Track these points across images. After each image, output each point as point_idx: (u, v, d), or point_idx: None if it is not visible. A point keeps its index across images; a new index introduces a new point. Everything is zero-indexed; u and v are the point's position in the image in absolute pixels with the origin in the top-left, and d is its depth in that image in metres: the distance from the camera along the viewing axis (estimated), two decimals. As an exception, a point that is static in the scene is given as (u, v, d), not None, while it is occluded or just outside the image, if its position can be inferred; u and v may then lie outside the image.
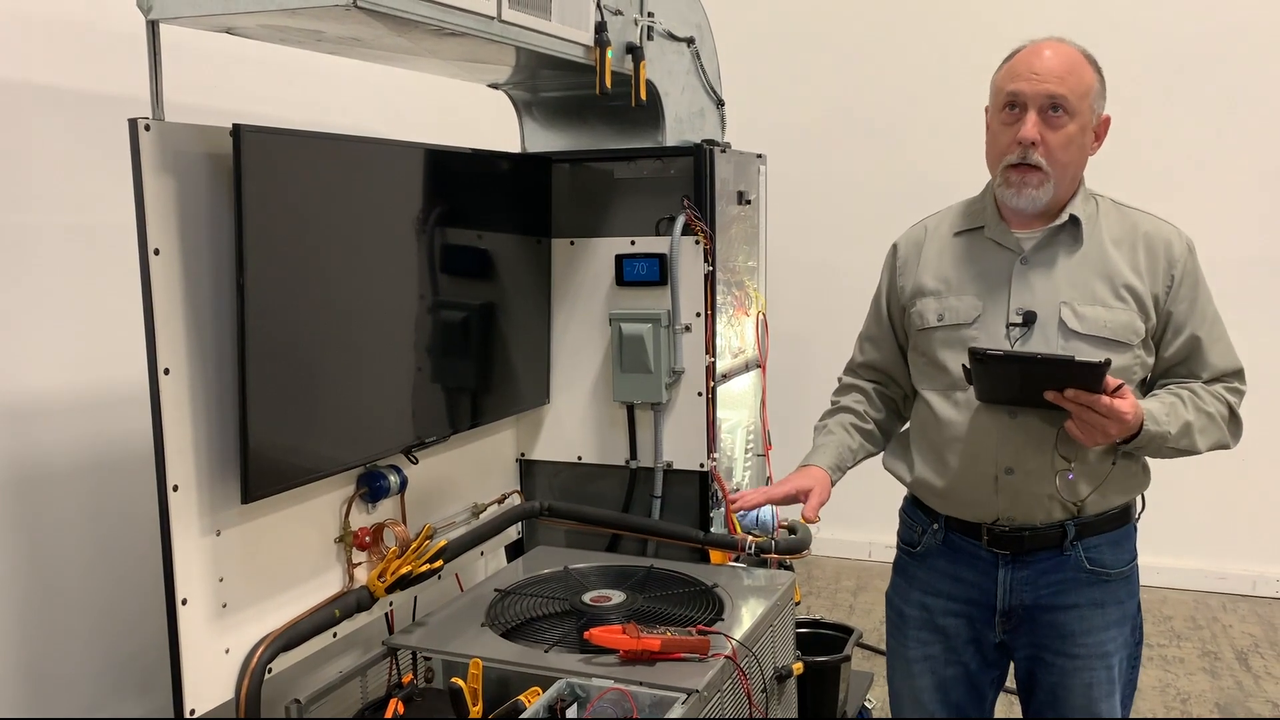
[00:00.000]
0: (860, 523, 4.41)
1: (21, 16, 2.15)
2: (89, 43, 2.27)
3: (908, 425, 2.15)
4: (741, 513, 2.67)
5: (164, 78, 1.77)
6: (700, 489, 2.65)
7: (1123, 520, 1.99)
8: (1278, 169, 4.31)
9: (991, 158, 1.95)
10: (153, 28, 1.76)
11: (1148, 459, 1.98)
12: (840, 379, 2.26)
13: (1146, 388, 1.97)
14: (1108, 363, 1.72)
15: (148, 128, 1.68)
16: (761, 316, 2.94)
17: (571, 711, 1.79)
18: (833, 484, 2.06)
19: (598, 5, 2.28)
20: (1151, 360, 1.94)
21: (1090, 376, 1.72)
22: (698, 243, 2.57)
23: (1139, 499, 2.01)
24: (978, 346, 1.80)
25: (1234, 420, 1.95)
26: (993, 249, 1.96)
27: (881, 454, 2.16)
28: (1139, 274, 1.90)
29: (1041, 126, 1.84)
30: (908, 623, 2.10)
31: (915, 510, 2.11)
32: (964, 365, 1.86)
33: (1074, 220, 1.92)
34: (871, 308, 2.19)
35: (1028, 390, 1.79)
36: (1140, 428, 1.80)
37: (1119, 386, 1.75)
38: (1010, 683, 2.12)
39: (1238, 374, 1.96)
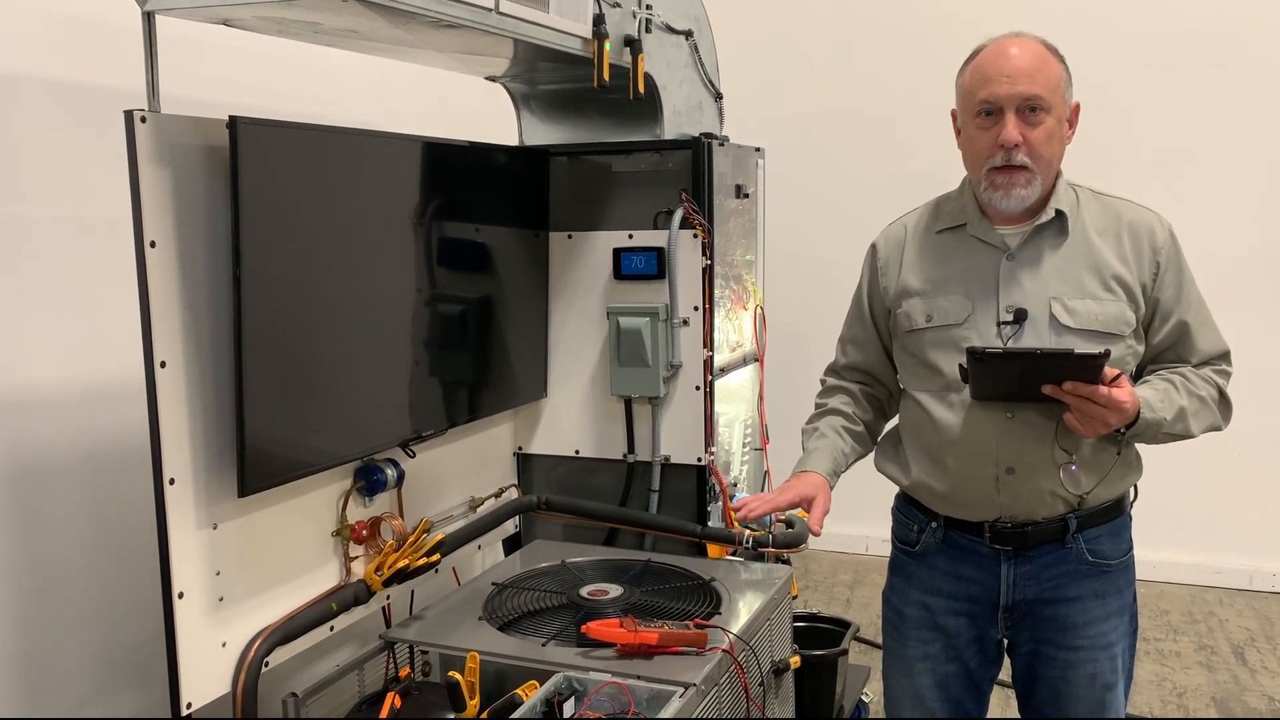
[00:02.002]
0: (857, 517, 4.39)
1: (17, 8, 2.14)
2: (85, 34, 2.26)
3: (895, 424, 2.13)
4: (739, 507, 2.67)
5: (160, 70, 1.76)
6: (698, 483, 2.65)
7: (1118, 510, 1.99)
8: (1271, 164, 4.31)
9: (972, 162, 1.94)
10: (149, 19, 1.75)
11: (1139, 448, 1.98)
12: (824, 380, 2.24)
13: (1136, 374, 1.97)
14: (1107, 353, 1.72)
15: (144, 120, 1.68)
16: (759, 310, 2.94)
17: (569, 705, 1.79)
18: (830, 489, 2.05)
19: (596, -2, 2.28)
20: (1142, 348, 1.94)
21: (1090, 368, 1.72)
22: (696, 236, 2.57)
23: (1132, 488, 2.02)
24: (975, 346, 1.79)
25: (1224, 402, 1.96)
26: (977, 246, 1.95)
27: (874, 456, 2.15)
28: (1125, 263, 1.90)
29: (1021, 126, 1.83)
30: (907, 622, 2.09)
31: (910, 509, 2.10)
32: (960, 365, 1.85)
33: (1059, 214, 1.91)
34: (852, 309, 2.17)
35: (1025, 386, 1.79)
36: (1137, 415, 1.80)
37: (1116, 376, 1.75)
38: (1004, 676, 2.12)
39: (1225, 356, 1.97)
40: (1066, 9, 4.30)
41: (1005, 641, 2.06)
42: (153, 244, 1.70)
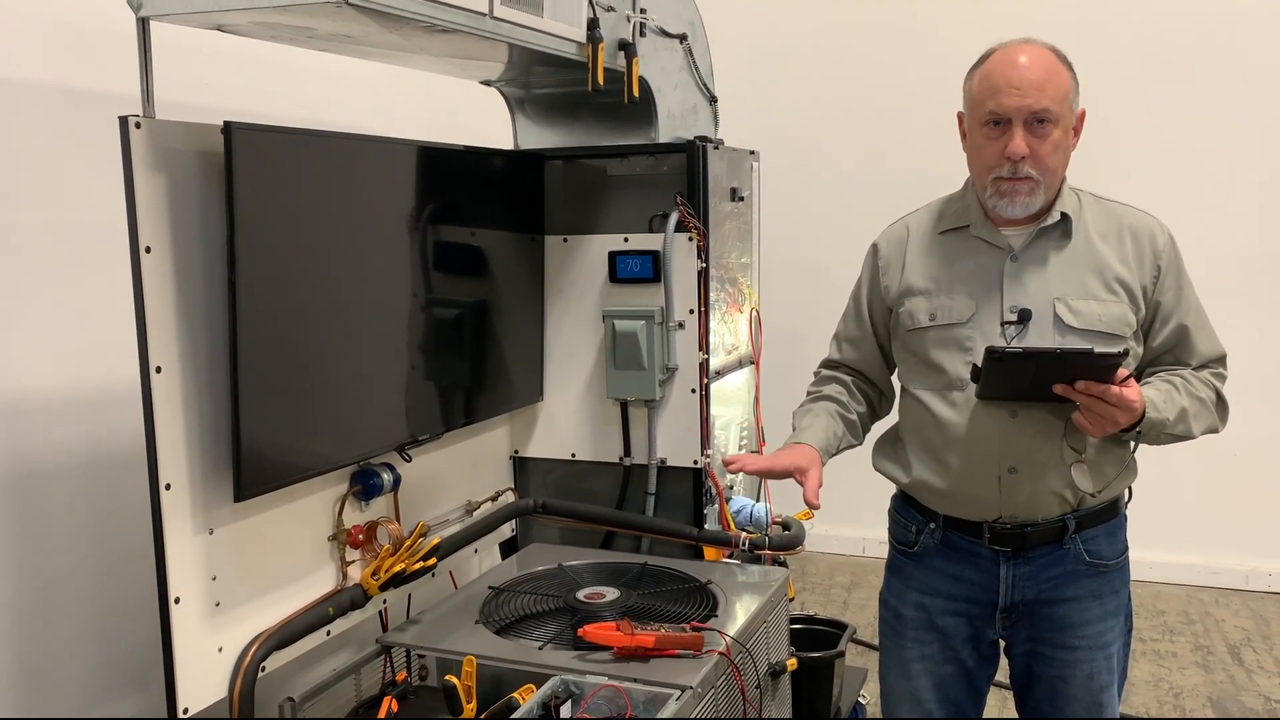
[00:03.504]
0: (854, 519, 4.42)
1: (11, 13, 2.14)
2: (79, 40, 2.26)
3: (894, 425, 2.14)
4: (736, 509, 2.67)
5: (154, 75, 1.76)
6: (694, 486, 2.65)
7: (1114, 511, 2.01)
8: (1274, 166, 4.32)
9: (977, 169, 1.95)
10: (143, 25, 1.75)
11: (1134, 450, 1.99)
12: (817, 372, 2.26)
13: (1136, 377, 1.98)
14: (1126, 353, 1.74)
15: (138, 125, 1.68)
16: (755, 313, 2.94)
17: (565, 709, 1.79)
18: (821, 466, 2.04)
19: (590, 2, 2.28)
20: (1142, 350, 1.96)
21: (1107, 368, 1.73)
22: (691, 239, 2.57)
23: (1127, 489, 2.03)
24: (995, 346, 1.80)
25: (1221, 404, 1.98)
26: (981, 248, 1.97)
27: (871, 455, 2.16)
28: (1127, 265, 1.92)
29: (1028, 137, 1.84)
30: (905, 623, 2.10)
31: (909, 509, 2.10)
32: (974, 364, 1.86)
33: (1063, 217, 1.92)
34: (850, 307, 2.19)
35: (1036, 386, 1.79)
36: (1143, 415, 1.82)
37: (1126, 377, 1.76)
38: (1001, 677, 2.13)
39: (1221, 360, 1.99)
40: (1063, 10, 4.31)
41: (1002, 642, 2.07)
42: (148, 249, 1.70)
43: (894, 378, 2.18)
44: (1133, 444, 1.93)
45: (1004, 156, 1.85)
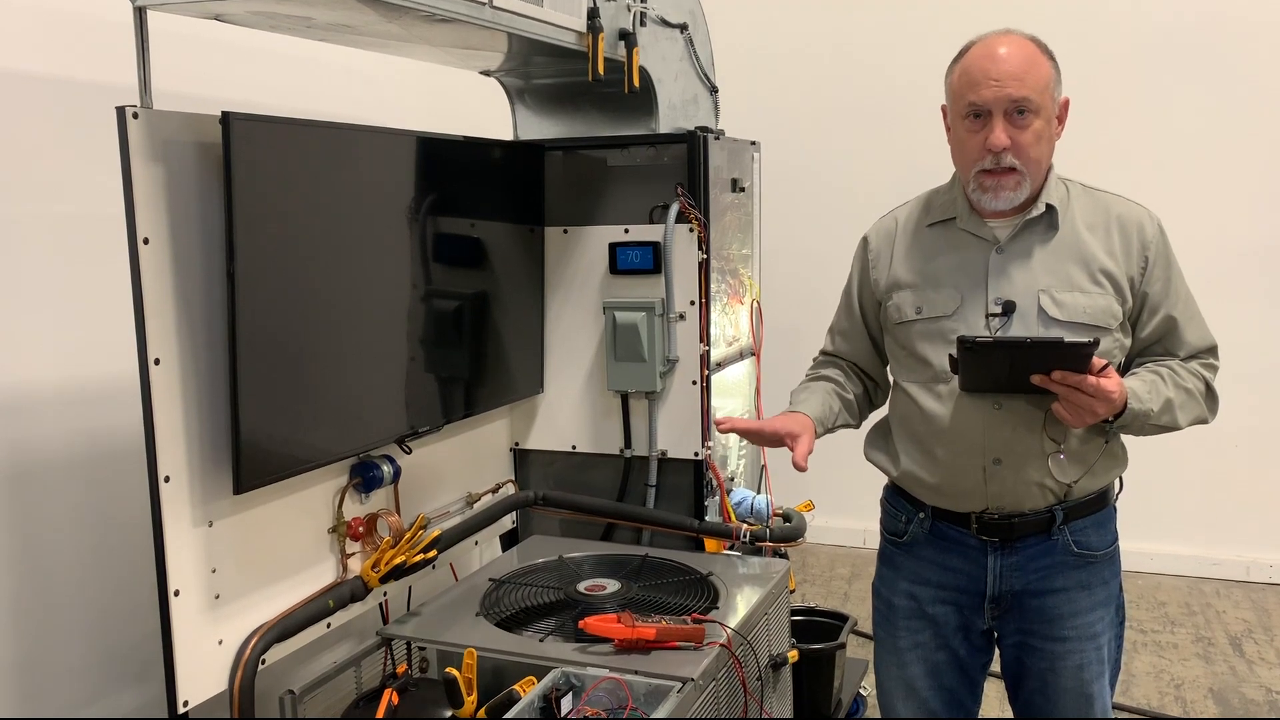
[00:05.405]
0: (855, 510, 4.41)
1: (8, 3, 2.13)
2: (76, 30, 2.25)
3: (885, 416, 2.14)
4: (736, 501, 2.67)
5: (152, 65, 1.75)
6: (695, 477, 2.65)
7: (1104, 502, 2.00)
8: (1270, 158, 4.30)
9: (961, 163, 1.94)
10: (140, 14, 1.74)
11: (1125, 442, 1.99)
12: (815, 360, 2.26)
13: (1124, 368, 1.97)
14: (1096, 342, 1.73)
15: (136, 115, 1.67)
16: (756, 304, 2.93)
17: (566, 701, 1.79)
18: (814, 435, 2.03)
19: (590, -9, 2.27)
20: (1129, 342, 1.96)
21: (1078, 356, 1.73)
22: (692, 230, 2.56)
23: (1117, 480, 2.02)
24: (966, 335, 1.79)
25: (1211, 395, 1.97)
26: (968, 240, 1.96)
27: (862, 447, 2.15)
28: (1114, 257, 1.91)
29: (1009, 129, 1.83)
30: (896, 613, 2.10)
31: (899, 500, 2.10)
32: (950, 355, 1.85)
33: (1049, 208, 1.92)
34: (842, 300, 2.19)
35: (1015, 376, 1.79)
36: (1124, 406, 1.81)
37: (1104, 366, 1.76)
38: (995, 667, 2.13)
39: (1212, 350, 1.98)
40: (1063, 4, 4.29)
41: (994, 632, 2.07)
42: (146, 241, 1.69)
43: (888, 369, 2.17)
44: (1108, 435, 1.92)
45: (985, 149, 1.84)
